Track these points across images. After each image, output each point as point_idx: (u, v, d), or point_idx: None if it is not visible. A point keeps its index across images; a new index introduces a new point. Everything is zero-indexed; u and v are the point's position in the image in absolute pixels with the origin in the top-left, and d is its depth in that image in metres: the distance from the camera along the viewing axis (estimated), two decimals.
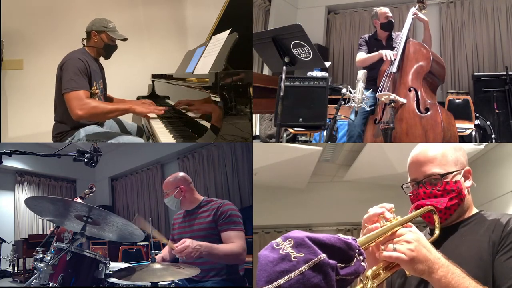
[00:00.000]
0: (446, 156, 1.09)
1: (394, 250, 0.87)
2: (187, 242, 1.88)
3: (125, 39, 2.82)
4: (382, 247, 0.90)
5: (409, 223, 0.93)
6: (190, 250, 1.85)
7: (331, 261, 0.72)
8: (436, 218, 1.03)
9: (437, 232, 1.01)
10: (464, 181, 1.11)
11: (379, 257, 0.90)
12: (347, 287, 0.76)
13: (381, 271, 0.89)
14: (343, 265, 0.75)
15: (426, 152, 1.10)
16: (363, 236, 0.92)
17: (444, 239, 1.05)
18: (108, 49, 2.81)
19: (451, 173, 1.07)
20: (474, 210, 1.12)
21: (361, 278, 0.82)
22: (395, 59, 3.16)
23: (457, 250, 1.00)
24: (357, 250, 0.78)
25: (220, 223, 2.10)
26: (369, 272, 0.84)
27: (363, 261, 0.78)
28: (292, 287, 0.69)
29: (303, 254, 0.71)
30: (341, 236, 0.78)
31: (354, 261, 0.76)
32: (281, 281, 0.69)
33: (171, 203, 2.24)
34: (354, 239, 0.78)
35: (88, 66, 2.60)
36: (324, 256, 0.72)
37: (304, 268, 0.70)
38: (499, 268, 0.94)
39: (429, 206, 1.04)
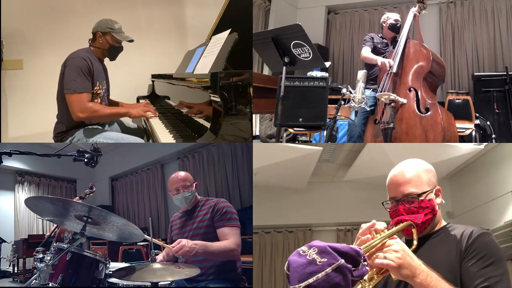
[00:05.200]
0: (420, 178, 1.25)
1: (385, 258, 1.05)
2: (183, 241, 1.94)
3: (131, 41, 2.79)
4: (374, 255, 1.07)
5: (395, 236, 1.11)
6: (187, 249, 1.91)
7: (348, 265, 0.91)
8: (414, 231, 1.19)
9: (415, 243, 1.18)
10: (436, 198, 1.26)
11: (372, 264, 1.06)
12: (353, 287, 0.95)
13: (375, 276, 1.07)
14: (354, 268, 0.93)
15: (403, 174, 1.27)
16: (357, 246, 1.08)
17: (419, 248, 1.20)
18: (113, 51, 2.79)
19: (425, 192, 1.24)
20: (443, 223, 1.29)
21: (360, 280, 1.01)
22: (394, 64, 3.16)
23: (430, 257, 1.15)
24: (362, 257, 0.96)
25: (215, 220, 2.14)
26: (366, 276, 1.01)
27: (366, 265, 0.96)
28: (319, 285, 0.87)
29: (326, 259, 0.90)
30: (351, 245, 0.96)
31: (361, 265, 0.94)
32: (310, 280, 0.87)
33: (191, 196, 2.23)
34: (360, 248, 0.97)
35: (91, 66, 2.60)
36: (343, 261, 0.90)
37: (328, 270, 0.88)
38: (466, 272, 1.12)
39: (409, 221, 1.20)
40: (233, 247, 2.05)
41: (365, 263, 0.96)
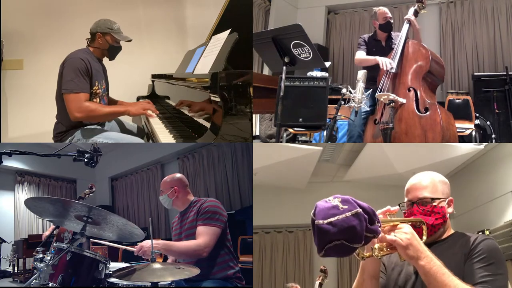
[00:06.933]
0: (436, 186, 1.40)
1: (395, 236, 1.18)
2: (143, 243, 2.06)
3: (129, 41, 2.82)
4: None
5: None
6: (145, 249, 2.02)
7: (365, 215, 1.08)
8: (424, 227, 1.31)
9: (424, 238, 1.28)
10: (447, 207, 1.39)
11: (383, 239, 1.19)
12: (365, 244, 1.13)
13: (384, 248, 1.21)
14: (369, 223, 1.08)
15: (421, 181, 1.41)
16: None
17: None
18: (113, 51, 2.81)
19: (438, 198, 1.38)
20: (452, 231, 1.42)
21: (372, 247, 1.19)
22: (391, 68, 3.15)
23: (440, 259, 1.22)
24: (377, 218, 1.12)
25: (197, 218, 2.17)
26: (376, 245, 1.19)
27: (379, 226, 1.13)
28: (338, 223, 1.06)
29: (347, 207, 1.08)
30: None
31: (375, 224, 1.11)
32: (332, 219, 1.07)
33: (164, 201, 2.33)
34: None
35: (89, 66, 2.60)
36: (361, 210, 1.08)
37: (348, 214, 1.07)
38: (468, 268, 1.25)
39: (420, 218, 1.33)
40: (195, 248, 2.05)
41: (379, 224, 1.12)
